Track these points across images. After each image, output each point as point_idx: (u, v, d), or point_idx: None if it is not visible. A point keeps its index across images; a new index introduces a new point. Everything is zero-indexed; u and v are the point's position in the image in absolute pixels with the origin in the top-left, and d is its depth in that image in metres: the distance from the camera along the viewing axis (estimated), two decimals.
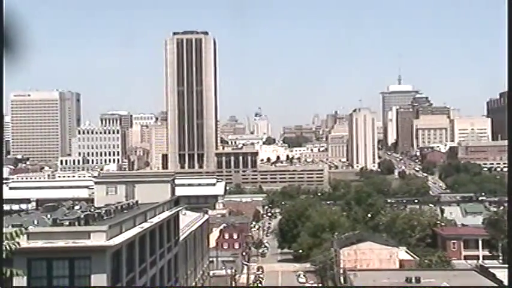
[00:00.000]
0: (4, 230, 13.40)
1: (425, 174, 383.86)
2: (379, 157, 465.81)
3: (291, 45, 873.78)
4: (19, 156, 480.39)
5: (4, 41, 10.75)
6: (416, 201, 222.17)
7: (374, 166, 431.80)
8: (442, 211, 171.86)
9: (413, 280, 74.06)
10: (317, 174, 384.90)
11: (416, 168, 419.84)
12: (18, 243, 13.50)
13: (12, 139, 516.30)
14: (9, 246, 12.78)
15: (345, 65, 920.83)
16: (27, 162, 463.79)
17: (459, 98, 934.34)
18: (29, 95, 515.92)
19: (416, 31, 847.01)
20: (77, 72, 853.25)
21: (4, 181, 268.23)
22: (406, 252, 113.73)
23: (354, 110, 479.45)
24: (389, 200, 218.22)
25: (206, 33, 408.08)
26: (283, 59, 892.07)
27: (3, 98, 11.44)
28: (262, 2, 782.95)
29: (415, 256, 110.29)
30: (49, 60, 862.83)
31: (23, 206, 76.61)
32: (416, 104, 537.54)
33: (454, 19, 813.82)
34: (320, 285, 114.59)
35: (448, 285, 70.23)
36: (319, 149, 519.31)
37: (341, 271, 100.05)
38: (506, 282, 52.03)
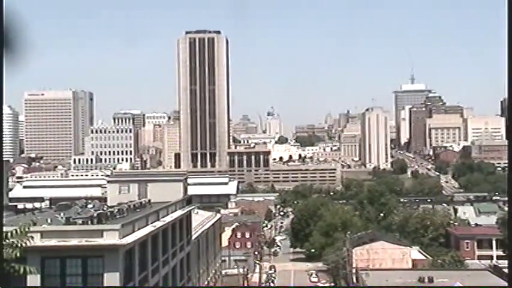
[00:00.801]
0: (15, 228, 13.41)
1: (438, 174, 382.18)
2: (392, 156, 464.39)
3: (304, 44, 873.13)
4: (33, 155, 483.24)
5: (4, 41, 10.78)
6: (429, 200, 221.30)
7: (387, 165, 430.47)
8: (456, 211, 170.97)
9: (426, 280, 73.72)
10: (329, 173, 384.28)
11: (429, 168, 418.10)
12: (32, 237, 13.49)
13: (26, 138, 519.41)
14: (20, 242, 12.77)
15: (358, 64, 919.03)
16: (41, 161, 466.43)
17: (473, 97, 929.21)
18: (42, 94, 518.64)
19: (429, 30, 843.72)
20: (90, 72, 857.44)
21: (18, 180, 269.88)
22: (419, 252, 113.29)
23: (367, 109, 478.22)
24: (402, 200, 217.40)
25: (219, 32, 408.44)
26: (295, 58, 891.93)
27: (3, 98, 11.49)
28: (274, 0, 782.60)
29: (428, 256, 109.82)
30: (62, 59, 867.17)
31: (37, 205, 76.90)
32: (429, 103, 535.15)
33: (468, 17, 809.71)
34: (332, 284, 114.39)
35: (461, 285, 69.84)
36: (331, 148, 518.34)
37: (353, 270, 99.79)
38: None
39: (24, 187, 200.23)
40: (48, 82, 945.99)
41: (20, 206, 62.58)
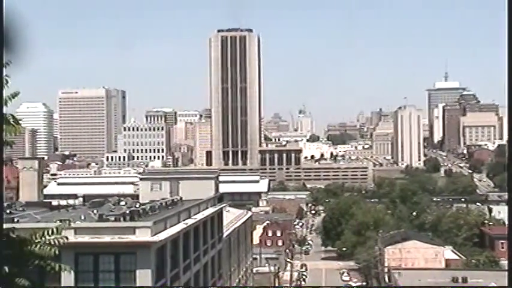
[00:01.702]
0: (51, 224, 13.54)
1: (472, 173, 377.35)
2: (425, 155, 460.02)
3: (336, 42, 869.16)
4: (67, 153, 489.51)
5: (4, 41, 10.84)
6: (463, 200, 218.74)
7: (419, 164, 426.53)
8: (490, 210, 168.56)
9: (459, 280, 72.92)
10: (361, 171, 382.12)
11: (463, 166, 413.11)
12: (66, 237, 13.62)
13: (60, 136, 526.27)
14: (56, 240, 12.89)
15: (390, 62, 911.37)
16: (75, 159, 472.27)
17: None
18: (76, 93, 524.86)
19: (463, 27, 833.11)
20: (123, 70, 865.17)
21: (52, 177, 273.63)
22: (453, 251, 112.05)
23: (399, 107, 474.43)
24: (435, 199, 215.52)
25: (250, 30, 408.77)
26: (328, 56, 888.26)
27: (3, 97, 11.53)
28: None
29: (462, 256, 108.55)
30: (96, 58, 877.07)
31: (71, 202, 77.77)
32: (463, 101, 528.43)
33: (503, 14, 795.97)
34: (364, 283, 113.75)
35: (496, 285, 68.87)
36: (363, 147, 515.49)
37: (385, 270, 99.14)
38: None
39: (58, 184, 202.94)
40: (82, 80, 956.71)
41: (54, 202, 63.25)
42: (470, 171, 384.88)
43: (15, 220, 38.89)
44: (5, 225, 12.35)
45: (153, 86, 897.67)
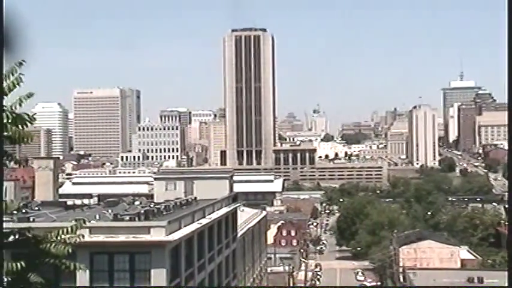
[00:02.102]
0: (66, 224, 13.61)
1: (487, 172, 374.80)
2: (440, 154, 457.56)
3: (350, 41, 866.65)
4: (81, 152, 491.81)
5: (4, 41, 10.86)
6: (478, 199, 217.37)
7: (434, 163, 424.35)
8: (506, 210, 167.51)
9: (475, 280, 72.43)
10: (376, 171, 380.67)
11: (478, 165, 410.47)
12: (82, 235, 13.69)
13: (75, 135, 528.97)
14: (71, 240, 12.96)
15: (405, 61, 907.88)
16: (89, 158, 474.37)
17: None
18: (91, 92, 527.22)
19: (479, 25, 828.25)
20: (137, 70, 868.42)
21: (67, 176, 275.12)
22: (468, 251, 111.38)
23: (414, 107, 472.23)
24: (450, 198, 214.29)
25: (264, 30, 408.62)
26: (341, 55, 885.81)
27: (3, 97, 11.56)
28: None
29: (478, 256, 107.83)
30: (110, 58, 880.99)
31: (85, 201, 78.23)
32: (479, 101, 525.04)
33: None
34: (379, 283, 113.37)
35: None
36: (378, 146, 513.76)
37: (400, 270, 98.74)
38: None
39: (73, 184, 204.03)
40: (96, 80, 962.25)
41: (70, 202, 63.63)
42: (485, 170, 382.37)
43: (31, 219, 39.15)
44: (20, 225, 12.41)
45: (167, 85, 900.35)
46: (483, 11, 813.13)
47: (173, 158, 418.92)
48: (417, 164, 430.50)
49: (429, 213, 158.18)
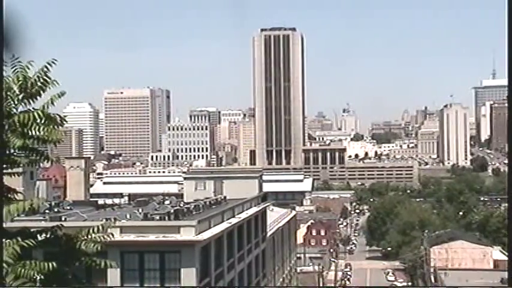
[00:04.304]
0: (97, 223, 13.73)
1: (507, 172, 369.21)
2: (472, 154, 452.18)
3: (380, 40, 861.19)
4: (112, 152, 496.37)
5: (4, 41, 10.93)
6: None
7: (466, 163, 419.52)
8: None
9: None
10: (406, 170, 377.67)
11: None
12: (112, 234, 13.79)
13: (106, 135, 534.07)
14: (102, 238, 13.07)
15: (436, 60, 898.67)
16: (120, 158, 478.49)
17: None
18: (121, 93, 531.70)
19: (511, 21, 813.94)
20: (168, 70, 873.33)
21: (98, 176, 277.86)
22: (501, 252, 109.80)
23: (445, 106, 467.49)
24: (482, 198, 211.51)
25: (294, 29, 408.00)
26: (372, 54, 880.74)
27: (3, 97, 11.64)
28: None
29: None
30: (141, 58, 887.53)
31: (116, 201, 78.92)
32: None
33: None
34: (410, 284, 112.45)
35: None
36: (408, 146, 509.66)
37: (431, 270, 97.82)
38: None
39: (104, 183, 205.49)
40: (126, 80, 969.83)
41: (100, 201, 64.29)
42: None
43: (63, 218, 39.60)
44: (52, 223, 12.53)
45: (197, 85, 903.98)
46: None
47: (203, 157, 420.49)
48: (448, 163, 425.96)
49: (461, 213, 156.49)
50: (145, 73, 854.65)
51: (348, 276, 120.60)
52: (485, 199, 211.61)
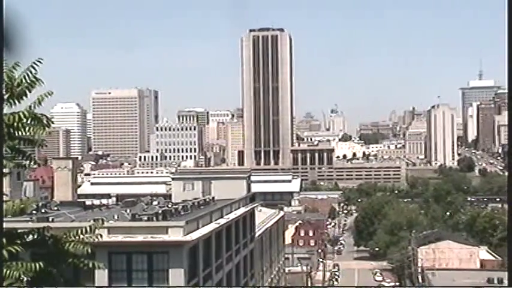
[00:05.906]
0: (85, 224, 13.69)
1: (507, 172, 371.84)
2: (459, 154, 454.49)
3: (369, 41, 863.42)
4: (100, 153, 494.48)
5: (4, 41, 10.89)
6: (498, 199, 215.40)
7: (453, 163, 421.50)
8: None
9: (495, 281, 71.84)
10: (394, 171, 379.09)
11: (499, 166, 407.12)
12: (100, 235, 13.77)
13: (94, 136, 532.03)
14: (89, 239, 13.04)
15: (423, 61, 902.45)
16: (108, 158, 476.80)
17: None
18: (109, 93, 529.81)
19: (498, 24, 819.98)
20: (155, 71, 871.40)
21: (86, 176, 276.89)
22: (488, 252, 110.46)
23: (433, 106, 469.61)
24: (469, 198, 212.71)
25: (282, 30, 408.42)
26: (359, 55, 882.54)
27: (3, 97, 11.58)
28: None
29: (498, 256, 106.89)
30: (128, 58, 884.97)
31: (104, 201, 78.61)
32: (498, 100, 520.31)
33: None
34: (397, 284, 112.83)
35: None
36: (396, 146, 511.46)
37: (419, 270, 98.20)
38: None
39: (92, 184, 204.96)
40: (114, 81, 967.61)
41: (88, 202, 64.02)
42: (506, 170, 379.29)
43: (50, 219, 39.41)
44: (39, 224, 12.48)
45: (185, 86, 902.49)
46: (503, 9, 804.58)
47: (191, 158, 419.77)
48: (436, 164, 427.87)
49: (448, 213, 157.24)
50: (133, 73, 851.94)
51: (336, 277, 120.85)
52: (472, 199, 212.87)
